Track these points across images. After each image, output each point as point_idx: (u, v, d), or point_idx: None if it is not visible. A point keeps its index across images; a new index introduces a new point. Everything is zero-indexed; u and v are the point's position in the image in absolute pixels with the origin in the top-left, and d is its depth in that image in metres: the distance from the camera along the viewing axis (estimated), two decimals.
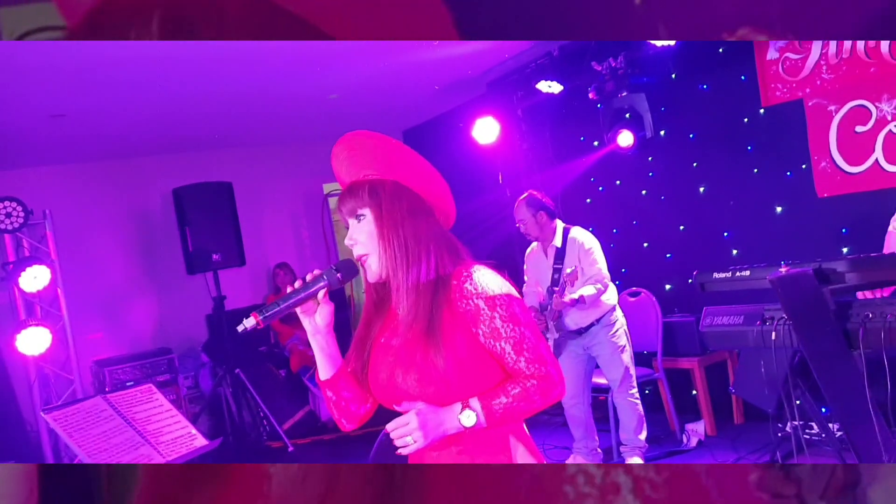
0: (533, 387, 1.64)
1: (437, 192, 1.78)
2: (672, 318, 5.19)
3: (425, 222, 1.72)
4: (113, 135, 6.25)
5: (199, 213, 6.49)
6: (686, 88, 5.19)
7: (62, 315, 5.70)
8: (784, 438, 4.16)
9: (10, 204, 5.43)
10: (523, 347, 1.64)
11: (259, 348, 7.28)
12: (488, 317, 1.63)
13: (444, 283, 1.67)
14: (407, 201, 1.72)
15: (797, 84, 4.62)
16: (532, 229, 4.56)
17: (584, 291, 4.35)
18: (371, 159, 1.75)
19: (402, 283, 1.68)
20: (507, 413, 1.64)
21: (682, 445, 4.90)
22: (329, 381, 1.78)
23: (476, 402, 1.63)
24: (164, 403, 3.23)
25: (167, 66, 4.71)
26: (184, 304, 7.07)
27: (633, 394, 4.52)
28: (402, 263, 1.68)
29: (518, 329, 1.64)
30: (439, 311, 1.65)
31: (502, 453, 1.68)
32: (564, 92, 5.56)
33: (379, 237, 1.70)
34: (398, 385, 1.67)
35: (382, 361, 1.72)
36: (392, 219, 1.69)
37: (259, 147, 7.57)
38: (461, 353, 1.64)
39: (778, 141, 4.76)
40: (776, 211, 4.81)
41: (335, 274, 1.72)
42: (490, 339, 1.64)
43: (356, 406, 1.80)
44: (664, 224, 5.51)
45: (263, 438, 6.53)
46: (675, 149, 5.36)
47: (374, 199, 1.71)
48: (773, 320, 2.84)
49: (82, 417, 2.97)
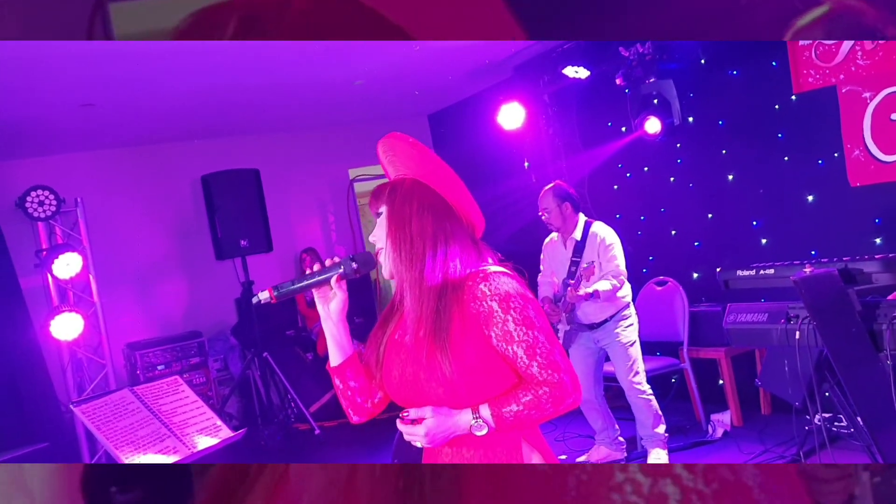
0: (545, 394, 1.62)
1: (459, 197, 1.77)
2: (699, 308, 5.15)
3: (437, 221, 1.72)
4: (142, 123, 6.31)
5: (227, 199, 6.55)
6: (715, 75, 5.10)
7: (94, 301, 5.81)
8: (811, 432, 4.12)
9: (42, 192, 5.53)
10: (536, 352, 1.62)
11: (286, 332, 7.36)
12: (501, 319, 1.62)
13: (456, 284, 1.67)
14: (421, 199, 1.72)
15: (830, 70, 4.52)
16: (555, 219, 4.54)
17: (600, 286, 4.33)
18: (401, 161, 1.79)
19: (404, 280, 1.70)
20: (518, 421, 1.63)
21: (708, 436, 4.87)
22: (337, 369, 1.82)
23: (486, 410, 1.63)
24: (189, 395, 3.29)
25: (194, 55, 4.73)
26: (213, 289, 7.16)
27: (644, 390, 4.49)
28: (406, 260, 1.69)
29: (531, 333, 1.62)
30: (448, 313, 1.64)
31: (514, 457, 1.68)
32: (591, 77, 5.50)
33: (388, 233, 1.73)
34: (410, 383, 1.68)
35: (395, 359, 1.74)
36: (400, 216, 1.71)
37: (285, 133, 7.59)
38: (469, 358, 1.63)
39: (810, 128, 4.67)
40: (807, 200, 4.72)
41: (351, 264, 1.77)
42: (502, 343, 1.62)
43: (362, 398, 1.83)
44: (692, 212, 5.44)
45: (291, 420, 6.62)
46: (703, 136, 5.28)
47: (390, 197, 1.74)
48: (797, 319, 2.79)
49: (110, 410, 3.03)
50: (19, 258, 5.65)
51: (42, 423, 5.45)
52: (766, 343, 3.08)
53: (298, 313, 7.43)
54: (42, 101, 5.19)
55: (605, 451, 4.71)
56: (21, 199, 5.51)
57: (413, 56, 5.54)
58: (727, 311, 3.09)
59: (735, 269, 2.98)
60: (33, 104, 5.23)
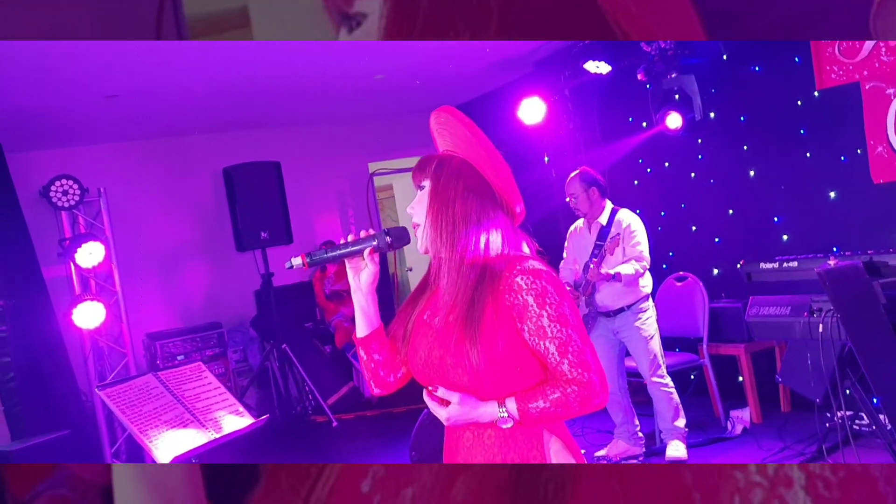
0: (573, 393, 1.60)
1: (505, 183, 1.75)
2: (719, 304, 5.13)
3: (481, 205, 1.70)
4: (165, 115, 6.37)
5: (248, 191, 6.59)
6: (737, 70, 5.08)
7: (116, 290, 5.86)
8: (831, 429, 4.10)
9: (66, 182, 5.58)
10: (568, 350, 1.60)
11: (305, 324, 7.41)
12: (536, 314, 1.60)
13: (493, 273, 1.64)
14: (467, 180, 1.70)
15: (854, 66, 4.49)
16: (582, 204, 4.56)
17: (623, 269, 4.33)
18: (451, 136, 1.77)
19: (444, 260, 1.68)
20: (543, 417, 1.62)
21: (727, 432, 4.86)
22: (363, 340, 1.81)
23: (512, 404, 1.62)
24: (212, 381, 3.32)
25: (217, 48, 4.77)
26: (233, 280, 7.21)
27: (665, 382, 4.49)
28: (447, 240, 1.67)
29: (565, 330, 1.60)
30: (482, 301, 1.62)
31: (534, 442, 1.67)
32: (613, 72, 5.49)
33: (428, 210, 1.71)
34: (435, 366, 1.68)
35: (423, 338, 1.73)
36: (445, 194, 1.69)
37: (306, 127, 7.63)
38: (498, 349, 1.61)
39: (832, 124, 4.64)
40: (829, 196, 4.70)
41: (385, 237, 1.75)
42: (535, 337, 1.61)
43: (385, 371, 1.82)
44: (713, 208, 5.43)
45: (309, 412, 6.66)
46: (725, 131, 5.26)
47: (436, 172, 1.72)
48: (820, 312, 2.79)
49: (134, 394, 3.06)
50: (42, 248, 5.71)
51: (63, 411, 5.51)
52: (788, 336, 3.08)
53: (317, 306, 7.47)
54: (68, 91, 5.24)
55: (623, 446, 4.70)
56: (45, 188, 5.57)
57: (434, 51, 5.55)
58: (749, 304, 3.09)
59: (758, 262, 2.97)
60: (59, 95, 5.29)
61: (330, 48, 5.13)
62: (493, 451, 1.67)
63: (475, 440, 1.69)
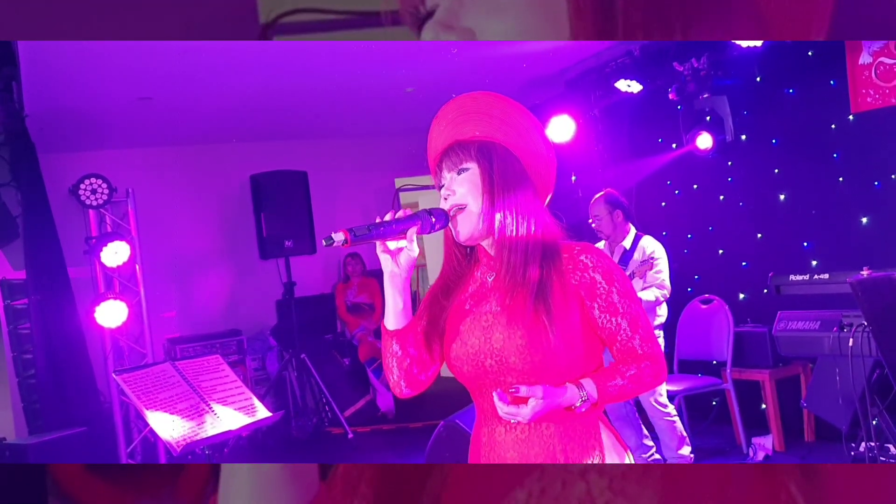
0: (647, 368, 1.60)
1: (543, 165, 1.71)
2: (744, 328, 5.04)
3: (532, 193, 1.67)
4: (195, 120, 6.44)
5: (274, 199, 6.63)
6: (771, 92, 5.04)
7: (139, 290, 5.88)
8: (856, 458, 3.99)
9: (95, 181, 5.63)
10: (638, 325, 1.61)
11: (325, 336, 7.39)
12: (605, 290, 1.59)
13: (553, 255, 1.62)
14: (516, 168, 1.67)
15: (890, 90, 4.43)
16: (605, 227, 4.52)
17: (644, 296, 4.28)
18: (481, 119, 1.68)
19: (509, 244, 1.62)
20: (620, 394, 1.60)
21: (748, 459, 4.74)
22: (399, 333, 1.67)
23: (591, 384, 1.57)
24: (229, 374, 3.31)
25: (250, 56, 4.82)
26: (255, 288, 7.23)
27: (668, 412, 4.40)
28: (512, 225, 1.62)
29: (633, 306, 1.61)
30: (550, 282, 1.59)
31: (592, 434, 1.63)
32: (644, 92, 5.47)
33: (486, 192, 1.63)
34: (495, 351, 1.59)
35: (474, 326, 1.64)
36: (504, 177, 1.63)
37: (335, 138, 7.68)
38: (574, 326, 1.59)
39: (867, 149, 4.57)
40: (861, 222, 4.61)
41: (429, 217, 1.62)
42: (606, 314, 1.60)
43: (418, 369, 1.70)
44: (741, 231, 5.35)
45: (325, 424, 6.61)
46: (756, 154, 5.20)
47: (483, 156, 1.65)
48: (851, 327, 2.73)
49: (151, 381, 3.05)
50: (69, 247, 5.76)
51: (81, 408, 5.52)
52: (817, 351, 3.00)
53: (338, 318, 7.46)
54: (101, 92, 5.33)
55: None
56: (74, 186, 5.63)
57: (466, 66, 5.57)
58: (777, 318, 3.02)
59: (787, 274, 2.90)
60: (92, 96, 5.38)
61: (361, 60, 5.17)
62: (552, 442, 1.60)
63: (532, 432, 1.61)
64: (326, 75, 5.45)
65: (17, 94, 5.18)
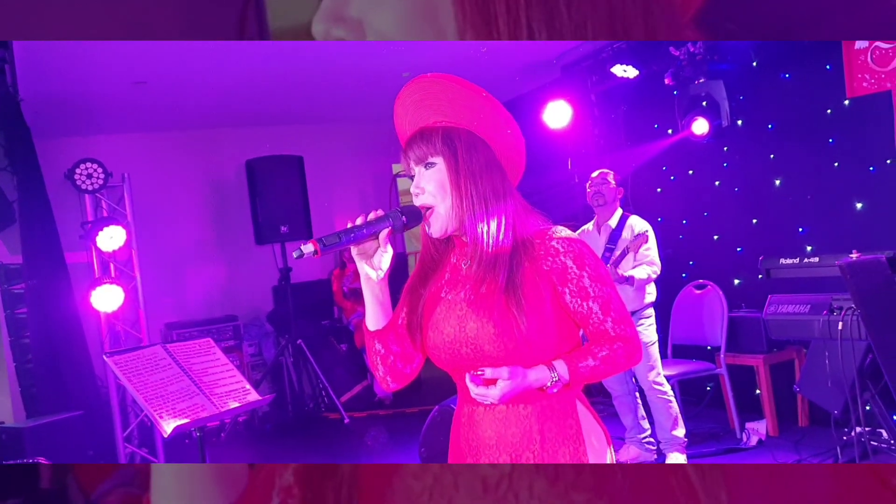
0: (620, 349, 1.61)
1: (510, 147, 1.69)
2: (738, 314, 5.04)
3: (500, 178, 1.66)
4: (191, 105, 6.42)
5: (270, 184, 6.62)
6: (767, 77, 5.02)
7: (135, 275, 5.88)
8: (847, 444, 4.00)
9: (91, 165, 5.62)
10: (610, 308, 1.61)
11: (322, 322, 7.40)
12: (576, 275, 1.59)
13: (525, 241, 1.62)
14: (483, 153, 1.65)
15: (886, 75, 4.41)
16: (608, 193, 4.58)
17: (637, 273, 4.31)
18: (444, 104, 1.65)
19: (480, 235, 1.61)
20: (592, 374, 1.61)
21: (741, 444, 4.76)
22: (380, 333, 1.69)
23: (562, 366, 1.58)
24: (220, 357, 3.31)
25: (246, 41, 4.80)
26: (251, 273, 7.24)
27: (664, 390, 4.42)
28: (482, 215, 1.61)
29: (605, 289, 1.61)
30: (520, 269, 1.59)
31: (569, 414, 1.64)
32: (640, 77, 5.46)
33: (454, 187, 1.62)
34: (469, 340, 1.60)
35: (449, 315, 1.65)
36: (470, 169, 1.62)
37: (331, 123, 7.66)
38: (543, 313, 1.59)
39: (862, 134, 4.56)
40: (856, 207, 4.61)
41: (401, 217, 1.61)
42: (577, 298, 1.60)
43: (402, 363, 1.72)
44: (736, 217, 5.35)
45: (321, 409, 6.64)
46: (751, 139, 5.19)
47: (448, 147, 1.63)
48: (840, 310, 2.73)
49: (142, 363, 3.06)
50: (66, 232, 5.76)
51: (78, 393, 5.53)
52: (807, 335, 3.01)
53: (335, 304, 7.46)
54: (97, 76, 5.31)
55: (635, 451, 4.63)
56: (70, 171, 5.62)
57: (462, 53, 5.55)
58: (768, 302, 3.02)
59: (778, 258, 2.90)
60: (88, 79, 5.36)
61: (357, 44, 5.15)
62: (529, 422, 1.61)
63: (509, 412, 1.63)
64: (323, 60, 5.43)
65: (12, 79, 5.16)
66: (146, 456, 5.68)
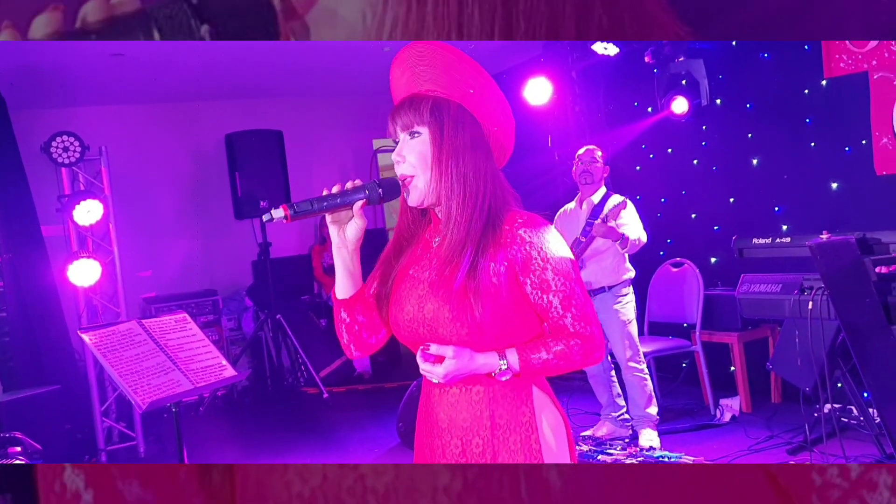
0: (576, 346, 1.56)
1: (500, 127, 1.67)
2: (714, 292, 5.10)
3: (484, 157, 1.62)
4: (169, 77, 6.34)
5: (249, 159, 6.58)
6: (746, 56, 5.04)
7: (112, 249, 5.84)
8: (818, 420, 4.07)
9: (67, 138, 5.54)
10: (571, 304, 1.56)
11: (302, 297, 7.40)
12: (540, 267, 1.55)
13: (494, 225, 1.58)
14: (470, 130, 1.61)
15: (863, 56, 4.44)
16: (593, 175, 4.58)
17: (629, 231, 4.31)
18: (440, 72, 1.62)
19: (453, 215, 1.58)
20: (544, 368, 1.57)
21: (715, 420, 4.83)
22: (347, 302, 1.68)
23: (514, 355, 1.56)
24: (196, 332, 3.30)
25: None
26: (230, 248, 7.21)
27: (640, 368, 4.48)
28: (459, 195, 1.57)
29: (568, 284, 1.56)
30: (486, 253, 1.56)
31: (523, 400, 1.62)
32: (621, 54, 5.45)
33: (435, 161, 1.59)
34: (427, 321, 1.59)
35: (410, 294, 1.63)
36: (453, 145, 1.58)
37: (311, 97, 7.60)
38: (500, 302, 1.56)
39: (838, 114, 4.60)
40: (831, 187, 4.66)
41: (377, 189, 1.59)
42: (538, 290, 1.56)
43: (368, 333, 1.71)
44: (714, 195, 5.39)
45: (300, 384, 6.66)
46: (730, 118, 5.22)
47: (435, 118, 1.60)
48: (811, 290, 2.77)
49: (116, 339, 3.05)
50: (42, 205, 5.70)
51: (56, 367, 5.51)
52: (778, 314, 3.05)
53: (315, 279, 7.46)
54: (73, 47, 5.21)
55: (610, 427, 4.69)
56: (46, 144, 5.54)
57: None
58: (741, 281, 3.06)
59: (751, 238, 2.93)
60: (64, 50, 5.27)
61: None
62: (480, 406, 1.60)
63: (461, 395, 1.62)
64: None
65: None
66: (124, 430, 5.67)
